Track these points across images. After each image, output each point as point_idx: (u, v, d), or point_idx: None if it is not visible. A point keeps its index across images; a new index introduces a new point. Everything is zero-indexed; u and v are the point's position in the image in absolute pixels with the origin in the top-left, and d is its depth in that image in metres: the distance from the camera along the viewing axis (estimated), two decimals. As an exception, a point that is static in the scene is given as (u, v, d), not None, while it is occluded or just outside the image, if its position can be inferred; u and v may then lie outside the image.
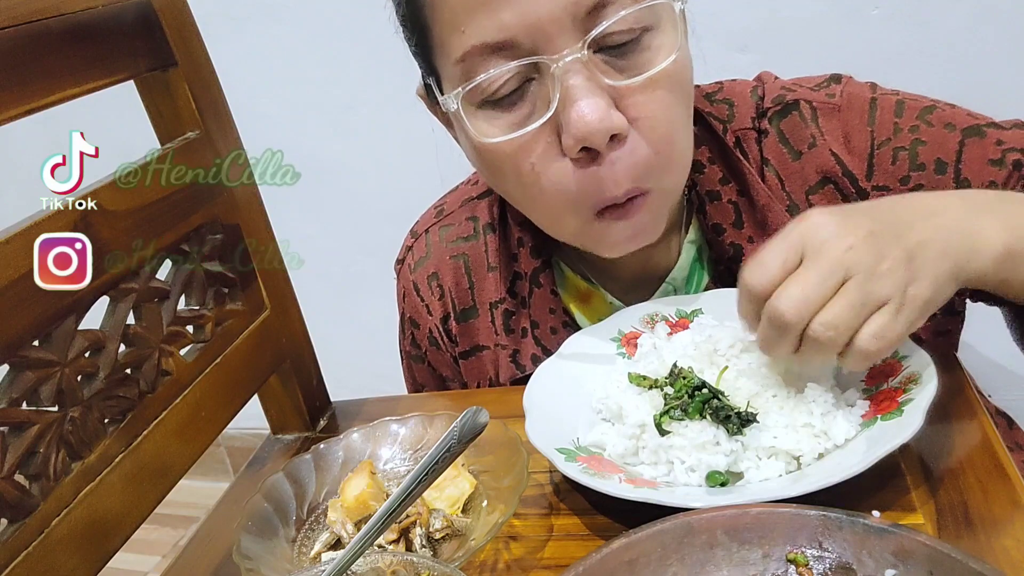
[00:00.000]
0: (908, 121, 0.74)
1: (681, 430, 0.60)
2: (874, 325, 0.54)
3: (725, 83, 0.83)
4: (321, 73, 1.68)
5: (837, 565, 0.46)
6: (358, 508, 0.63)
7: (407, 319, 0.93)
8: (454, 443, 0.53)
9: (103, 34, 0.61)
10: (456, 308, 0.87)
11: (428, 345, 0.91)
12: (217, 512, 0.74)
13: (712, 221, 0.79)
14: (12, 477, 0.51)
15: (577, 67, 0.62)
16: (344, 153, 1.75)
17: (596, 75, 0.62)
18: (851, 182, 0.76)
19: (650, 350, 0.72)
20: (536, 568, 0.58)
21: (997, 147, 0.72)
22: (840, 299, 0.54)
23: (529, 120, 0.65)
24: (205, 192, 0.69)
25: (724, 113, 0.80)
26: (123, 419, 0.60)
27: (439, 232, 0.90)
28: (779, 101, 0.78)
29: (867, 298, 0.54)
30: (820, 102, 0.77)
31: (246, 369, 0.73)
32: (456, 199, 0.92)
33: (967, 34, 1.29)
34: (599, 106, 0.62)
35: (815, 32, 1.35)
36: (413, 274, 0.91)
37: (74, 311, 0.56)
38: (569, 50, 0.62)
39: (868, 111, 0.75)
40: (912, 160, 0.74)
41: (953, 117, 0.74)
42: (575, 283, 0.85)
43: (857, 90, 0.77)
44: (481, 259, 0.86)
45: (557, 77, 0.62)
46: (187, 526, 2.11)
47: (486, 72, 0.63)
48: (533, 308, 0.84)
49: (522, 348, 0.83)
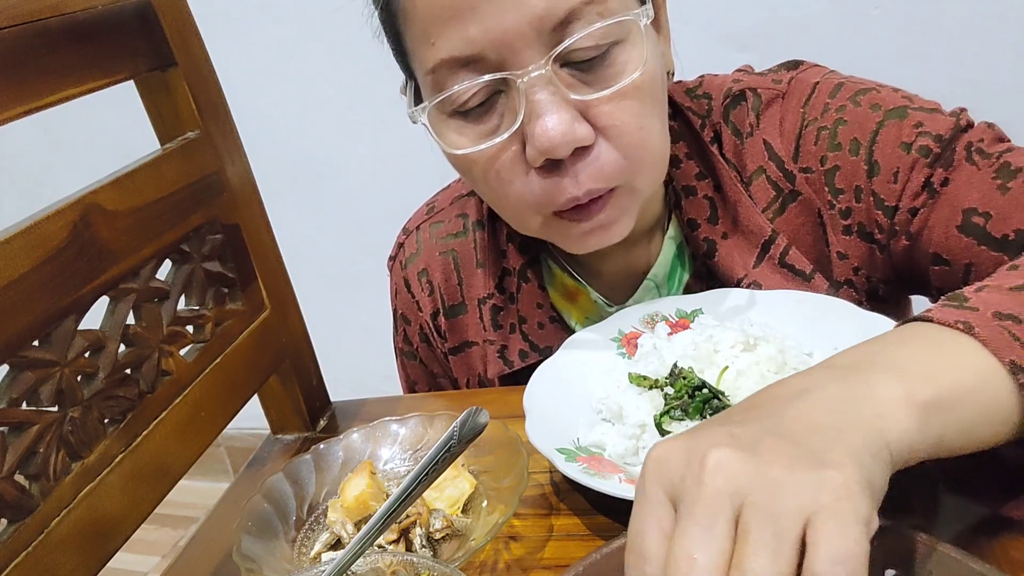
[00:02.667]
0: (839, 101, 0.73)
1: (681, 430, 0.60)
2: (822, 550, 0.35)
3: (706, 77, 0.83)
4: (321, 73, 1.68)
5: (837, 565, 0.46)
6: (358, 508, 0.63)
7: (399, 315, 0.94)
8: (454, 443, 0.53)
9: (103, 34, 0.61)
10: (445, 304, 0.88)
11: (419, 341, 0.92)
12: (217, 512, 0.74)
13: (687, 216, 0.79)
14: (12, 477, 0.51)
15: (542, 82, 0.62)
16: (344, 153, 1.75)
17: (561, 89, 0.63)
18: (777, 166, 0.76)
19: (650, 350, 0.72)
20: (536, 568, 0.58)
21: (914, 129, 0.69)
22: (745, 546, 0.36)
23: (496, 132, 0.66)
24: (205, 192, 0.69)
25: (703, 107, 0.80)
26: (123, 419, 0.60)
27: (429, 229, 0.91)
28: (728, 93, 0.78)
29: (779, 524, 0.36)
30: (764, 88, 0.77)
31: (246, 369, 0.73)
32: (447, 197, 0.93)
33: (967, 34, 1.29)
34: (563, 120, 0.62)
35: (815, 32, 1.35)
36: (404, 271, 0.92)
37: (74, 311, 0.56)
38: (535, 65, 0.62)
39: (807, 94, 0.75)
40: (831, 139, 0.73)
41: (884, 98, 0.72)
42: (562, 280, 0.86)
43: (806, 76, 0.77)
44: (470, 255, 0.87)
45: (523, 91, 0.62)
46: (187, 526, 2.11)
47: (457, 84, 0.64)
48: (521, 303, 0.84)
49: (510, 343, 0.84)
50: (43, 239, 0.53)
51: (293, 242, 0.91)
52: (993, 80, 1.29)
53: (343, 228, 1.83)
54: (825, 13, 1.34)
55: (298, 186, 1.78)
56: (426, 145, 0.72)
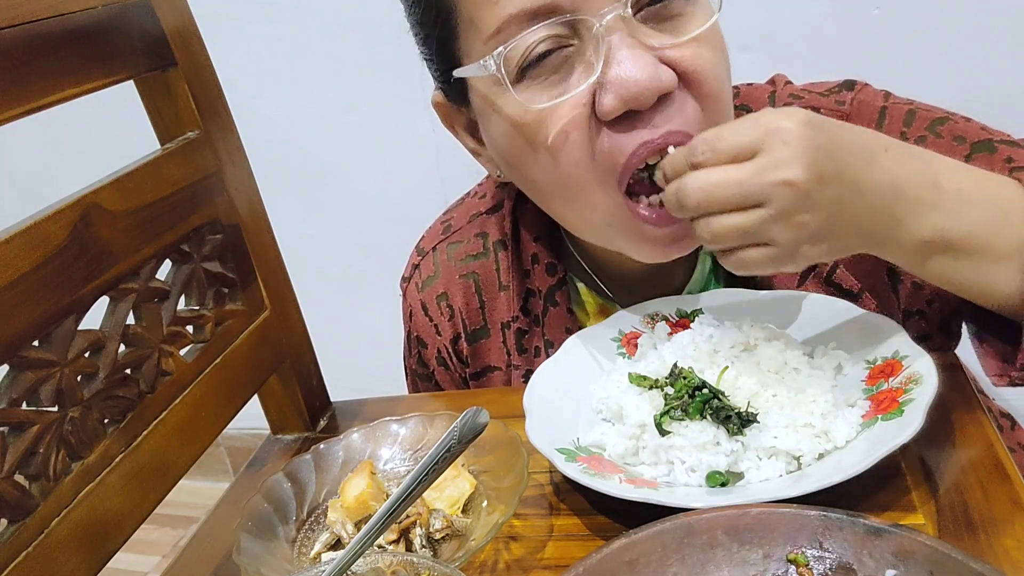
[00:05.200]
0: (917, 131, 0.72)
1: (681, 430, 0.60)
2: (744, 255, 0.57)
3: (742, 88, 0.82)
4: (321, 73, 1.68)
5: (837, 565, 0.46)
6: (358, 508, 0.63)
7: (414, 338, 0.90)
8: (454, 443, 0.53)
9: (103, 34, 0.61)
10: (467, 329, 0.85)
11: (436, 365, 0.89)
12: (217, 512, 0.74)
13: None
14: (12, 477, 0.51)
15: (620, 25, 0.61)
16: (344, 153, 1.75)
17: (641, 31, 0.61)
18: None
19: (650, 350, 0.72)
20: (536, 568, 0.58)
21: (1006, 164, 0.68)
22: (737, 216, 0.56)
23: (571, 87, 0.63)
24: (205, 192, 0.69)
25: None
26: (123, 419, 0.60)
27: (447, 250, 0.87)
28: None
29: (758, 233, 0.56)
30: (828, 109, 0.75)
31: (246, 369, 0.73)
32: (464, 214, 0.89)
33: (968, 34, 1.29)
34: (647, 62, 0.60)
35: (817, 32, 1.35)
36: (421, 293, 0.87)
37: (74, 311, 0.56)
38: (610, 7, 0.60)
39: (877, 119, 0.74)
40: None
41: (965, 131, 0.72)
42: (590, 300, 0.83)
43: (868, 98, 0.76)
44: (492, 278, 0.84)
45: (601, 38, 0.61)
46: (187, 526, 2.11)
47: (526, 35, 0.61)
48: (547, 327, 0.82)
49: (535, 367, 0.80)
50: (43, 239, 0.53)
51: (293, 242, 0.91)
52: (993, 81, 1.29)
53: (343, 228, 1.83)
54: (826, 14, 1.34)
55: (298, 186, 1.78)
56: (427, 145, 0.72)
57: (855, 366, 0.65)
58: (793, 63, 0.86)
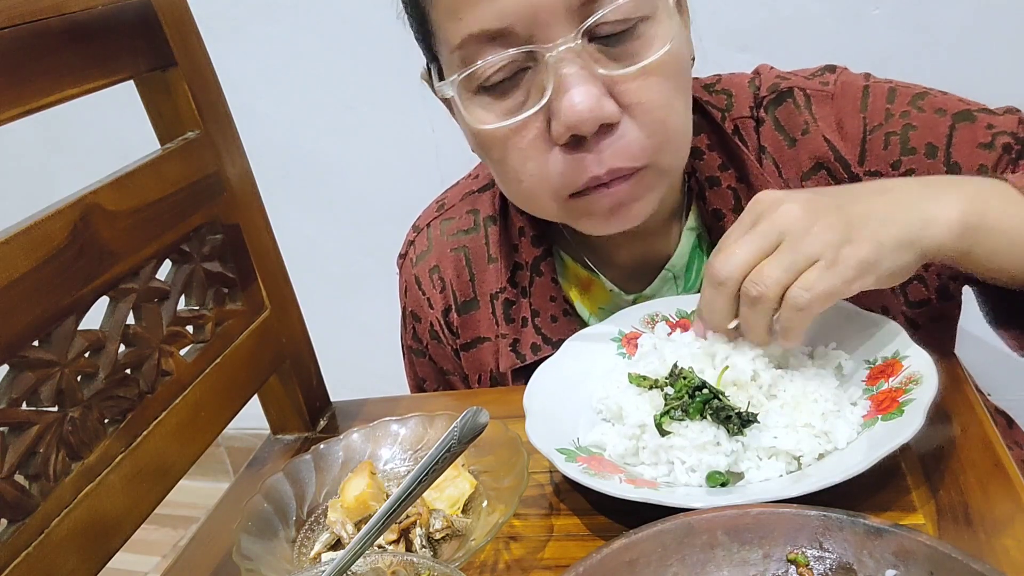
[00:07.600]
0: (900, 107, 0.75)
1: (681, 430, 0.60)
2: (803, 279, 0.57)
3: (723, 75, 0.84)
4: (320, 73, 1.68)
5: (838, 565, 0.46)
6: (358, 508, 0.63)
7: (408, 313, 0.94)
8: (454, 443, 0.52)
9: (103, 34, 0.61)
10: (457, 300, 0.88)
11: (429, 339, 0.92)
12: (217, 512, 0.74)
13: (712, 207, 0.79)
14: (12, 477, 0.51)
15: (571, 56, 0.63)
16: (344, 153, 1.75)
17: (590, 64, 0.63)
18: (843, 167, 0.76)
19: (650, 350, 0.72)
20: (536, 568, 0.58)
21: (987, 131, 0.73)
22: (771, 258, 0.58)
23: (522, 108, 0.66)
24: (205, 192, 0.69)
25: (723, 102, 0.81)
26: (123, 419, 0.60)
27: (440, 226, 0.91)
28: (774, 89, 0.80)
29: (797, 256, 0.57)
30: (814, 90, 0.78)
31: (246, 369, 0.73)
32: (457, 193, 0.93)
33: (967, 34, 1.29)
34: (591, 94, 0.63)
35: (816, 32, 1.35)
36: (415, 268, 0.91)
37: (74, 311, 0.56)
38: (563, 39, 0.62)
39: (861, 98, 0.77)
40: (903, 144, 0.75)
41: (944, 103, 0.75)
42: (575, 271, 0.86)
43: (851, 79, 0.79)
44: (482, 251, 0.87)
45: (551, 66, 0.63)
46: (187, 526, 2.11)
47: (483, 59, 0.64)
48: (534, 297, 0.84)
49: (522, 337, 0.84)
50: (43, 239, 0.53)
51: (293, 242, 0.91)
52: (994, 80, 1.29)
53: (343, 228, 1.83)
54: (825, 13, 1.34)
55: (298, 186, 1.78)
56: (426, 145, 0.72)
57: (855, 366, 0.65)
58: (793, 63, 0.86)
